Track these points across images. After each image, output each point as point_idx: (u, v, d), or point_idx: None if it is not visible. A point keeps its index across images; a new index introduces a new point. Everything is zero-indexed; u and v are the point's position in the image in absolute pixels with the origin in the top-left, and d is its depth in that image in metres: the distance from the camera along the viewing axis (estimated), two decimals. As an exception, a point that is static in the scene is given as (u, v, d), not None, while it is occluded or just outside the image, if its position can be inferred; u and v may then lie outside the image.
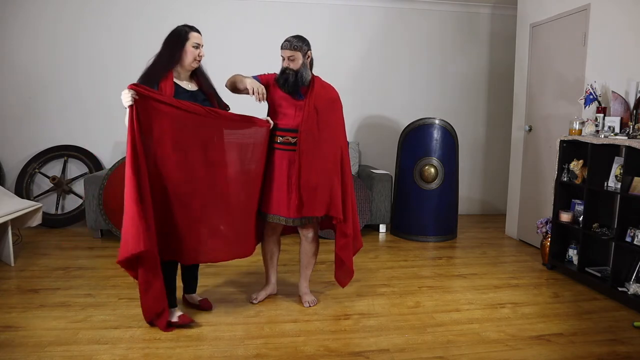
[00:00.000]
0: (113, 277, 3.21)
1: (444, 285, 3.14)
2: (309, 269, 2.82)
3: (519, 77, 4.40)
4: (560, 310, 2.76)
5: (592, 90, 3.24)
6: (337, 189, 2.59)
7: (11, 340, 2.28)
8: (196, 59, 2.47)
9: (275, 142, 2.59)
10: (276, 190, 2.60)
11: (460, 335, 2.41)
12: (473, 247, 4.14)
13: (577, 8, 3.56)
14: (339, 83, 2.97)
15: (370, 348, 2.26)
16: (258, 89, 2.52)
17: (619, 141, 2.87)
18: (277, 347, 2.26)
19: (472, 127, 5.41)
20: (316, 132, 2.55)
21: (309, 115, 2.54)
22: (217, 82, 2.71)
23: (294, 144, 2.55)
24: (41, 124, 4.75)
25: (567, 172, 3.39)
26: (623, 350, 2.27)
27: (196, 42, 2.45)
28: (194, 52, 2.44)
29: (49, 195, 4.76)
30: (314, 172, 2.53)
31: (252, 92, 2.53)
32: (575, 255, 3.35)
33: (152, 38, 4.75)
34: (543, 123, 4.02)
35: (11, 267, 3.37)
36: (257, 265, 3.47)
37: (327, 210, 2.58)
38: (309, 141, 2.53)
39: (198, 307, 2.68)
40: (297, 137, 2.53)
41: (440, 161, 4.25)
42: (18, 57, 4.64)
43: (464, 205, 5.38)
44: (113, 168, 4.10)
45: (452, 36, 5.22)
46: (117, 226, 4.04)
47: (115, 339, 2.30)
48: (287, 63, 2.54)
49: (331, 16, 4.97)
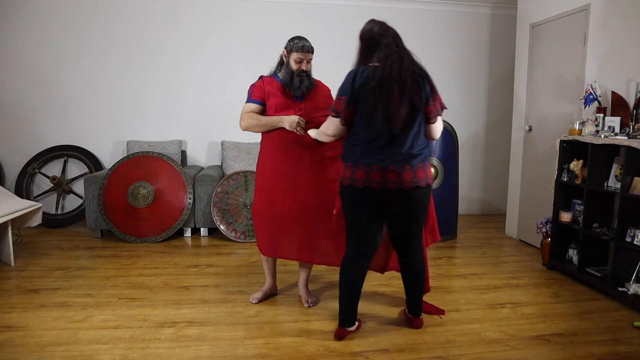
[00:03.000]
0: (113, 277, 3.22)
1: (444, 285, 3.14)
2: (309, 269, 2.83)
3: (519, 77, 4.40)
4: (560, 310, 2.76)
5: (592, 90, 3.24)
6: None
7: (11, 340, 2.28)
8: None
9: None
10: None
11: (460, 335, 2.41)
12: (473, 247, 4.14)
13: (577, 8, 3.56)
14: (338, 83, 2.97)
15: (370, 348, 2.26)
16: (300, 123, 2.48)
17: (619, 141, 2.87)
18: (277, 347, 2.26)
19: (472, 127, 5.41)
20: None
21: (310, 115, 2.57)
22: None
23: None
24: (41, 124, 4.75)
25: (567, 172, 3.39)
26: (623, 350, 2.27)
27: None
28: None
29: (49, 195, 4.76)
30: None
31: (297, 130, 2.48)
32: (575, 255, 3.35)
33: (153, 38, 4.79)
34: (543, 123, 4.02)
35: (11, 267, 3.37)
36: (256, 265, 3.48)
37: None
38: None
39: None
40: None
41: (440, 161, 4.25)
42: (18, 57, 4.64)
43: (464, 205, 5.37)
44: (113, 168, 4.11)
45: (452, 36, 5.22)
46: (117, 226, 4.05)
47: (115, 339, 2.30)
48: (305, 66, 2.55)
49: (331, 16, 4.96)
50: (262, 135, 2.66)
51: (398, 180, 2.13)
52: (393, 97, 2.06)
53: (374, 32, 2.21)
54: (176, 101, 4.87)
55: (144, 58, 4.76)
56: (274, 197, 2.59)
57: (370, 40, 2.20)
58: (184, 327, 2.45)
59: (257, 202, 2.67)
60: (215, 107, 4.91)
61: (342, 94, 2.16)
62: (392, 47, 2.14)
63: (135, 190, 4.06)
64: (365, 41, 2.23)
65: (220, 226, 4.16)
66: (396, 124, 2.08)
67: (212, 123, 4.93)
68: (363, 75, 2.12)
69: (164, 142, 4.67)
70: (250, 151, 4.65)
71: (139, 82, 4.79)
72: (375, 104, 2.09)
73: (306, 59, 2.55)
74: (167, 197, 4.09)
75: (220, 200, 4.16)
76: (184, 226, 4.26)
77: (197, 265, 3.50)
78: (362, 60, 2.22)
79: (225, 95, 4.90)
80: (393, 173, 2.12)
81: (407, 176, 2.13)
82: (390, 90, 2.06)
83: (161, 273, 3.31)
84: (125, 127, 4.85)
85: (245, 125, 2.57)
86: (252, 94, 2.61)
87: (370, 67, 2.14)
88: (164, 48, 4.75)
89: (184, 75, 4.84)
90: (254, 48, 4.83)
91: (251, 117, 2.56)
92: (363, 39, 2.24)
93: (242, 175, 4.23)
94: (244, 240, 4.15)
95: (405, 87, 2.08)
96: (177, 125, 4.91)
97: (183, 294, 2.92)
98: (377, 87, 2.08)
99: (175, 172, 4.13)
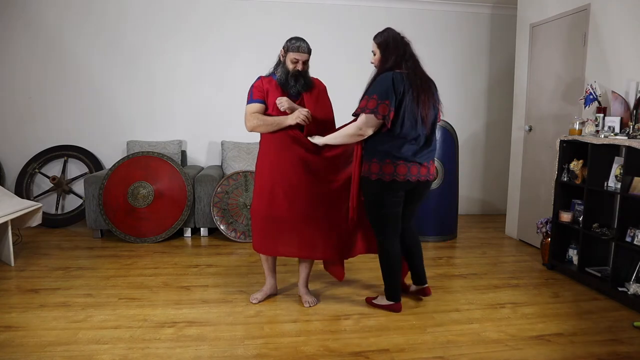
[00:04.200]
0: (113, 277, 3.22)
1: (444, 285, 3.14)
2: (309, 269, 2.83)
3: (518, 77, 4.40)
4: (560, 310, 2.76)
5: (592, 90, 3.24)
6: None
7: (11, 340, 2.28)
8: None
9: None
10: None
11: (460, 335, 2.41)
12: (473, 247, 4.14)
13: (577, 8, 3.56)
14: (338, 83, 2.98)
15: (370, 348, 2.26)
16: (307, 114, 2.51)
17: (619, 141, 2.87)
18: (277, 347, 2.26)
19: (472, 127, 5.41)
20: (319, 126, 2.64)
21: (312, 111, 2.60)
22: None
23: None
24: (41, 124, 4.75)
25: (567, 172, 3.39)
26: (623, 350, 2.27)
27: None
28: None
29: (49, 195, 4.76)
30: None
31: (304, 122, 2.51)
32: (575, 255, 3.35)
33: (153, 38, 4.79)
34: (543, 123, 4.02)
35: (11, 267, 3.37)
36: (256, 265, 3.48)
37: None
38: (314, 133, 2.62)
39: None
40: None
41: (440, 161, 4.25)
42: (18, 57, 4.64)
43: (464, 205, 5.37)
44: (113, 168, 4.11)
45: (452, 36, 5.22)
46: (117, 226, 4.05)
47: (115, 339, 2.30)
48: (301, 66, 2.58)
49: (331, 16, 4.96)
50: (261, 136, 2.67)
51: (427, 173, 2.53)
52: (425, 102, 2.41)
53: (399, 42, 2.46)
54: (176, 101, 4.87)
55: (144, 58, 4.76)
56: (274, 197, 2.60)
57: (397, 49, 2.44)
58: (184, 327, 2.45)
59: (256, 202, 2.67)
60: (216, 107, 4.91)
61: (384, 97, 2.34)
62: (416, 58, 2.47)
63: (135, 190, 4.05)
64: (392, 49, 2.45)
65: (220, 226, 4.16)
66: (427, 125, 2.46)
67: (212, 123, 4.93)
68: (400, 80, 2.37)
69: (164, 142, 4.67)
70: (250, 151, 4.65)
71: (139, 82, 4.79)
72: (413, 108, 2.38)
73: (302, 60, 2.56)
74: (167, 197, 4.09)
75: (220, 200, 4.16)
76: (184, 226, 4.26)
77: (197, 265, 3.50)
78: (392, 66, 2.43)
79: (225, 95, 4.90)
80: (424, 168, 2.51)
81: (431, 170, 2.57)
82: (422, 96, 2.40)
83: (161, 273, 3.31)
84: (125, 127, 4.85)
85: (251, 126, 2.58)
86: (252, 94, 2.61)
87: (403, 74, 2.41)
88: (164, 48, 4.75)
89: (184, 75, 4.84)
90: (254, 48, 4.82)
91: (256, 118, 2.56)
92: (390, 46, 2.45)
93: (242, 175, 4.23)
94: (244, 240, 4.15)
95: (430, 94, 2.46)
96: (177, 125, 4.91)
97: (183, 294, 2.92)
98: (413, 92, 2.37)
99: (175, 172, 4.13)
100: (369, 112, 2.35)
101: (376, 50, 2.51)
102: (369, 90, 2.43)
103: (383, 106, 2.33)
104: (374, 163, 2.44)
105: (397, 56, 2.42)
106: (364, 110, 2.36)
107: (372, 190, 2.49)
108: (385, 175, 2.42)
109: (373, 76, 2.50)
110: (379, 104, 2.33)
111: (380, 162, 2.42)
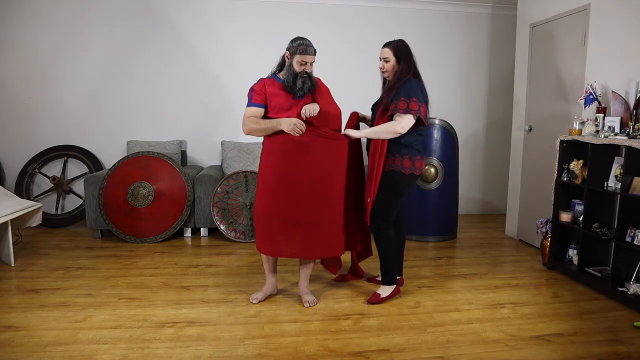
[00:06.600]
0: (113, 277, 3.22)
1: (444, 285, 3.14)
2: (309, 268, 2.83)
3: (519, 77, 4.40)
4: (560, 310, 2.76)
5: (592, 90, 3.24)
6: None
7: (11, 340, 2.28)
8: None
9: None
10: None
11: (460, 335, 2.41)
12: (473, 247, 4.14)
13: (577, 8, 3.56)
14: (338, 83, 2.98)
15: (370, 348, 2.26)
16: (301, 127, 2.49)
17: (619, 141, 2.87)
18: (277, 347, 2.26)
19: (472, 127, 5.41)
20: (330, 120, 2.68)
21: (322, 107, 2.62)
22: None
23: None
24: (41, 124, 4.75)
25: (567, 172, 3.39)
26: (623, 350, 2.27)
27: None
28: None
29: (49, 195, 4.76)
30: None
31: (297, 133, 2.50)
32: (575, 255, 3.35)
33: (153, 38, 4.79)
34: (543, 123, 4.02)
35: (11, 267, 3.37)
36: (256, 265, 3.48)
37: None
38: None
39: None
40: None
41: (440, 161, 4.25)
42: (18, 57, 4.64)
43: (464, 205, 5.37)
44: (113, 168, 4.11)
45: (452, 36, 5.22)
46: (117, 226, 4.05)
47: (115, 339, 2.30)
48: (309, 68, 2.59)
49: (331, 16, 4.96)
50: (264, 136, 2.67)
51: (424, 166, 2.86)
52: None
53: (411, 52, 2.70)
54: (176, 101, 4.87)
55: (143, 58, 4.76)
56: (277, 197, 2.60)
57: (411, 58, 2.70)
58: (184, 327, 2.45)
59: (259, 202, 2.67)
60: (216, 107, 4.91)
61: (422, 100, 2.61)
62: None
63: (135, 190, 4.05)
64: (410, 58, 2.69)
65: (220, 226, 4.16)
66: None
67: (212, 123, 4.94)
68: (423, 87, 2.69)
69: (164, 142, 4.67)
70: (250, 151, 4.65)
71: (139, 82, 4.79)
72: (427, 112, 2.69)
73: (310, 62, 2.56)
74: (167, 197, 4.09)
75: (220, 200, 4.16)
76: (184, 226, 4.26)
77: (197, 265, 3.50)
78: (413, 74, 2.67)
79: (225, 96, 4.90)
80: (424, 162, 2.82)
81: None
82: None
83: (161, 273, 3.31)
84: (125, 127, 4.85)
85: (247, 130, 2.60)
86: (252, 97, 2.61)
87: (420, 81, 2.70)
88: (164, 48, 4.75)
89: (184, 75, 4.84)
90: (254, 48, 4.82)
91: (252, 122, 2.57)
92: (408, 56, 2.69)
93: (242, 175, 4.23)
94: (244, 240, 4.15)
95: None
96: (177, 125, 4.91)
97: (183, 294, 2.92)
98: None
99: (175, 172, 4.13)
100: (414, 113, 2.57)
101: (391, 58, 2.67)
102: (403, 93, 2.58)
103: (423, 108, 2.61)
104: (406, 159, 2.66)
105: (411, 65, 2.68)
106: (408, 111, 2.56)
107: (403, 183, 2.70)
108: (415, 169, 2.69)
109: (396, 81, 2.65)
110: (420, 106, 2.59)
111: (412, 158, 2.67)
